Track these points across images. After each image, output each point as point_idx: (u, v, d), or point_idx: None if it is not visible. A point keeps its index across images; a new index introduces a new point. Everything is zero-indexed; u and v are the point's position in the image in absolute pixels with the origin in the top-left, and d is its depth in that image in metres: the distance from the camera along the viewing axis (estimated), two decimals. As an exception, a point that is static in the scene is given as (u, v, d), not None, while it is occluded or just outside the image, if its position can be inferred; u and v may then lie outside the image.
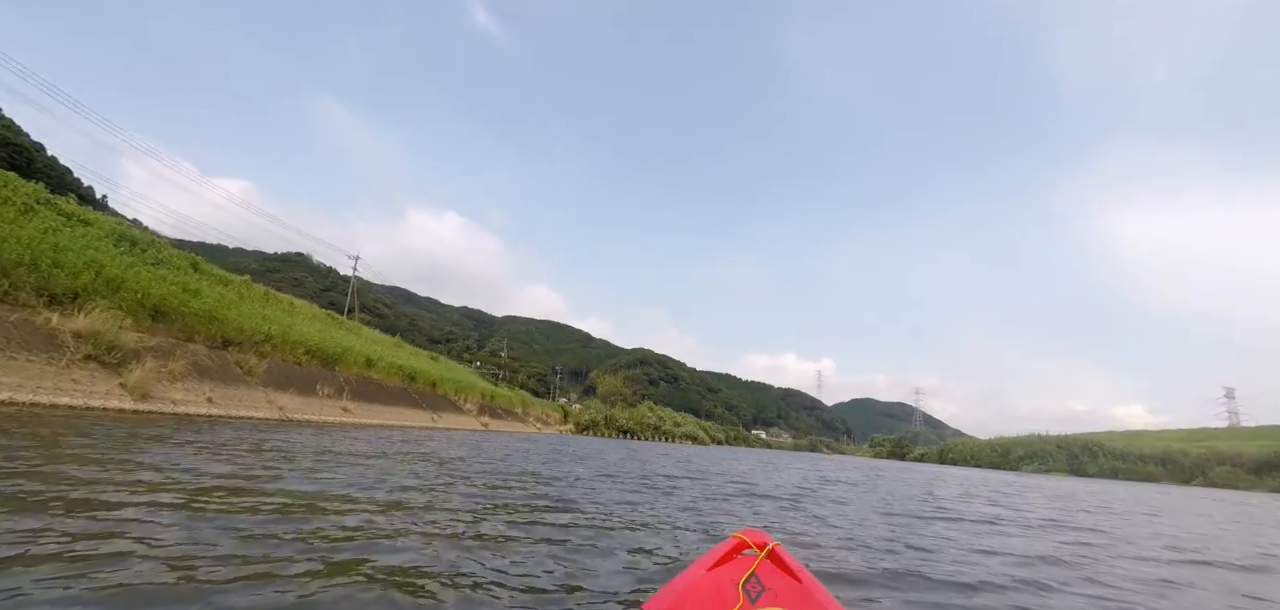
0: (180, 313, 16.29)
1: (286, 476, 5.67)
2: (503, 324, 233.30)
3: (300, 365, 21.16)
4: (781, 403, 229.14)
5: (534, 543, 3.77)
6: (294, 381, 19.59)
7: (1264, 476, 51.31)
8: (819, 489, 11.10)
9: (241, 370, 17.17)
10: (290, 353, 20.89)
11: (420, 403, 30.62)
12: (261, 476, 5.54)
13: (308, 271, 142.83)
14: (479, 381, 52.12)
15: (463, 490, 6.12)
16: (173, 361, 14.29)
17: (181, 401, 13.40)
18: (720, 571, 1.85)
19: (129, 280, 15.10)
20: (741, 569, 1.84)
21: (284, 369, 19.79)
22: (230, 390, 15.81)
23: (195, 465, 5.81)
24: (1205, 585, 4.43)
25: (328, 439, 11.69)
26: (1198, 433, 79.89)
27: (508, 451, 13.94)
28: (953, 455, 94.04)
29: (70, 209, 18.57)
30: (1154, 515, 11.44)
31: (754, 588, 1.74)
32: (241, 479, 5.25)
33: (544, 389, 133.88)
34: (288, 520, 3.64)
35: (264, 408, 16.46)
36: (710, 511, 6.47)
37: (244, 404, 15.76)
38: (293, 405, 18.08)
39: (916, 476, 23.17)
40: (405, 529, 3.80)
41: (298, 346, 21.36)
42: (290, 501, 4.31)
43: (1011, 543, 5.79)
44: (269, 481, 5.29)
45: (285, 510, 3.97)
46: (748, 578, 1.77)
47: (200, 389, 14.53)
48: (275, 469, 6.20)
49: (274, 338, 19.94)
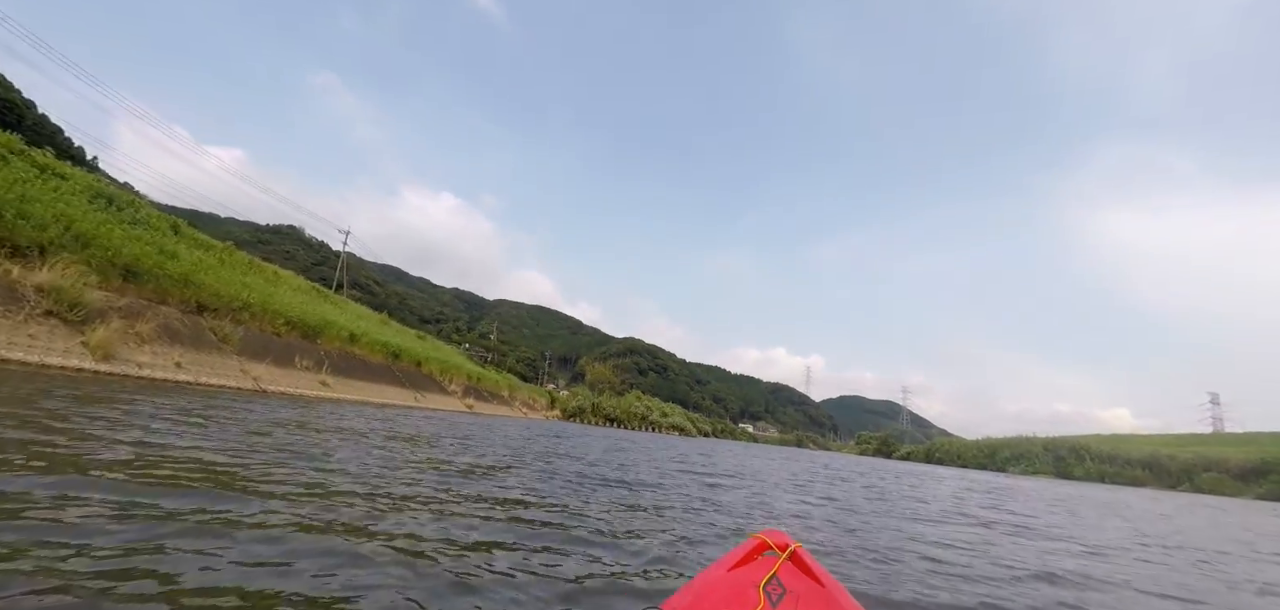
0: (154, 274, 15.73)
1: (202, 446, 5.25)
2: (494, 307, 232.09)
3: (279, 336, 20.63)
4: (770, 397, 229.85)
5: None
6: (271, 352, 19.07)
7: (1250, 483, 51.80)
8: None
9: (216, 337, 16.65)
10: (269, 323, 20.36)
11: (403, 381, 30.14)
12: (170, 446, 5.15)
13: (299, 244, 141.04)
14: (466, 363, 51.63)
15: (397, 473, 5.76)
16: (141, 323, 13.76)
17: (147, 365, 12.90)
18: (741, 572, 1.85)
19: (100, 237, 14.52)
20: (762, 570, 1.84)
21: (262, 339, 19.26)
22: (202, 357, 15.30)
23: (109, 431, 5.43)
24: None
25: (294, 411, 11.28)
26: (1185, 438, 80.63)
27: (465, 436, 13.61)
28: (939, 454, 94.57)
29: (45, 161, 17.88)
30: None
31: (775, 590, 1.73)
32: (153, 446, 4.86)
33: (532, 374, 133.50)
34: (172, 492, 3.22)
35: (237, 377, 15.97)
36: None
37: (216, 372, 15.26)
38: (268, 376, 17.58)
39: (903, 483, 23.08)
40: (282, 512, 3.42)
41: (277, 317, 20.82)
42: (191, 471, 3.88)
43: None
44: (184, 449, 4.91)
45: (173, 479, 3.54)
46: (769, 579, 1.77)
47: (169, 354, 14.02)
48: (196, 438, 5.81)
49: (252, 306, 19.40)
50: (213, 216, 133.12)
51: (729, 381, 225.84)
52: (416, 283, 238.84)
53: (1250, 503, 39.18)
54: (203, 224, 35.57)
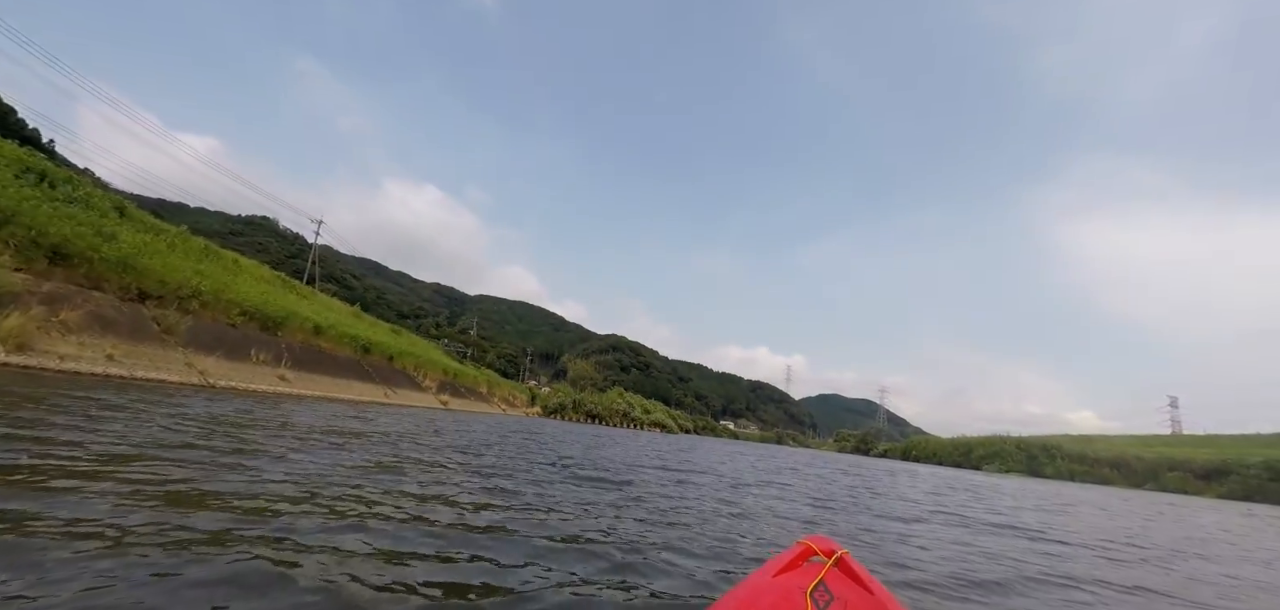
0: (87, 257, 14.36)
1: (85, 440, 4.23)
2: (475, 303, 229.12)
3: (234, 327, 19.28)
4: (751, 395, 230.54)
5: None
6: (224, 344, 17.74)
7: (1212, 483, 52.95)
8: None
9: (159, 327, 15.33)
10: (223, 313, 19.00)
11: (374, 376, 28.82)
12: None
13: (273, 236, 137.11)
14: (442, 358, 50.18)
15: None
16: (68, 310, 12.45)
17: (72, 357, 11.62)
18: (786, 578, 1.80)
19: (23, 213, 13.14)
20: (808, 576, 1.79)
21: (214, 330, 17.92)
22: (140, 348, 14.00)
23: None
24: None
25: (231, 406, 10.16)
26: (1148, 439, 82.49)
27: (409, 431, 12.61)
28: (916, 452, 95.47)
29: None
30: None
31: (822, 596, 1.69)
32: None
33: (514, 370, 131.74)
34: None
35: (181, 371, 14.68)
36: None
37: (156, 365, 13.97)
38: (218, 370, 16.29)
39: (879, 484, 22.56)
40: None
41: (232, 306, 19.46)
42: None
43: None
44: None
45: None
46: (816, 586, 1.73)
47: (100, 344, 12.72)
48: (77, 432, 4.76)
49: (204, 294, 18.03)
50: (181, 206, 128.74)
51: (711, 379, 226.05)
52: (394, 276, 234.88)
53: (1214, 502, 39.79)
54: (170, 214, 33.67)
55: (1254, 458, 52.16)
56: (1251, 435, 68.33)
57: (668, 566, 3.20)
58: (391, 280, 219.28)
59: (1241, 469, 51.71)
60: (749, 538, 4.48)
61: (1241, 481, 50.65)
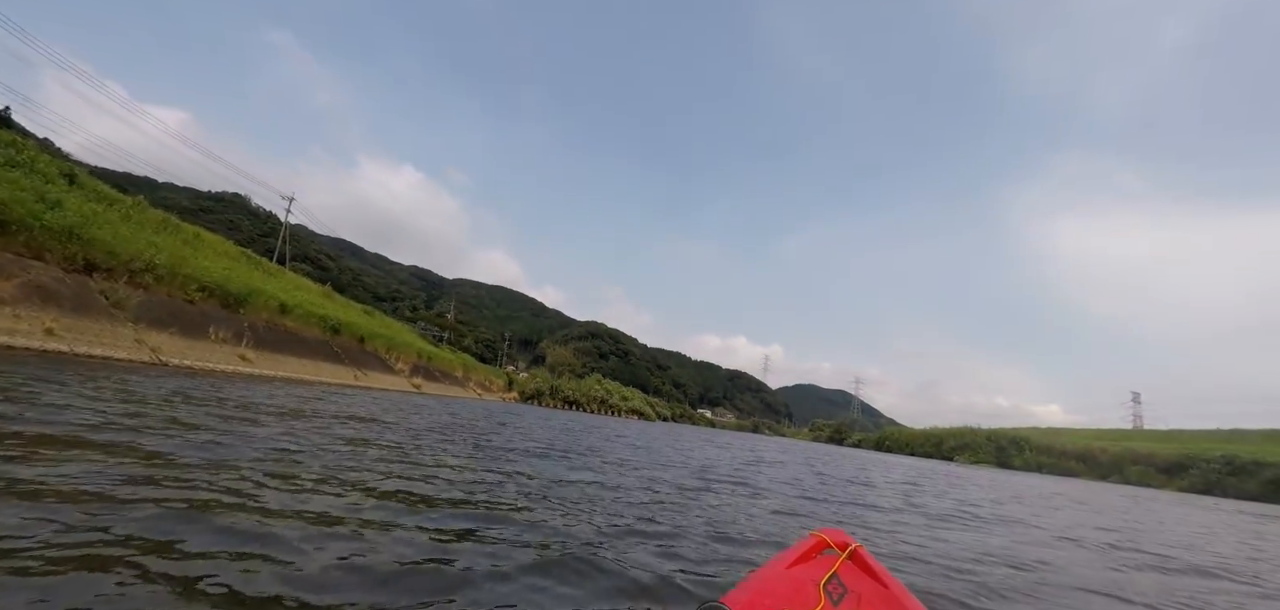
0: (26, 225, 13.42)
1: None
2: (454, 287, 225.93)
3: (193, 304, 18.38)
4: (728, 384, 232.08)
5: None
6: (179, 321, 16.88)
7: (1174, 477, 54.66)
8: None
9: (106, 301, 14.46)
10: (180, 287, 18.08)
11: (343, 358, 27.99)
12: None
13: (245, 214, 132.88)
14: (416, 340, 49.22)
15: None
16: (2, 280, 11.60)
17: (4, 330, 10.81)
18: (800, 570, 1.81)
19: (-49, 178, 12.19)
20: (821, 569, 1.80)
21: (169, 305, 17.03)
22: (85, 323, 13.16)
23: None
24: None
25: (172, 386, 9.55)
26: (1112, 433, 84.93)
27: (392, 413, 12.13)
28: (889, 442, 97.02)
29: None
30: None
31: (836, 589, 1.70)
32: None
33: (492, 355, 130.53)
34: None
35: (130, 347, 13.88)
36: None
37: (102, 341, 13.16)
38: (171, 347, 15.47)
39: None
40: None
41: (190, 282, 18.53)
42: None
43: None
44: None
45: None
46: (829, 578, 1.73)
47: (38, 318, 11.89)
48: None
49: (158, 267, 17.10)
50: (149, 181, 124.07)
51: (689, 368, 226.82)
52: (371, 258, 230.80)
53: (1178, 494, 41.06)
54: (137, 189, 31.99)
55: (1214, 452, 53.94)
56: (1212, 431, 70.68)
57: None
58: (368, 262, 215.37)
59: (1203, 463, 53.44)
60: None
61: (1202, 475, 52.37)
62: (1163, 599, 3.93)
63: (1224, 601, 4.16)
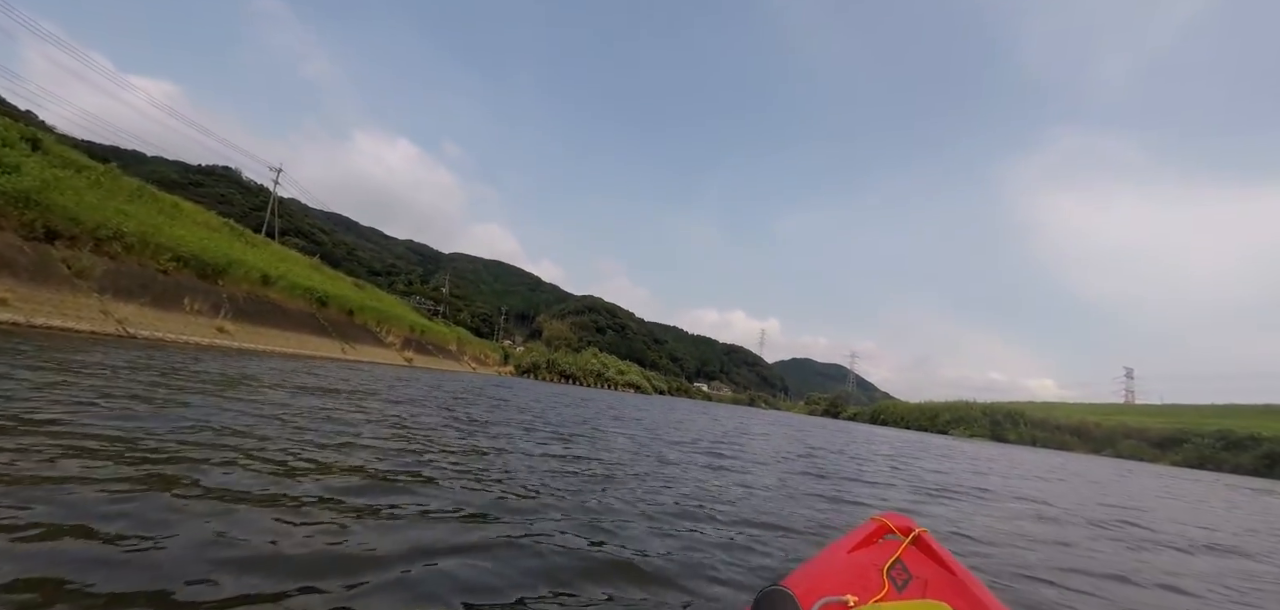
0: (-21, 190, 12.66)
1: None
2: (450, 261, 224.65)
3: (166, 274, 17.65)
4: (725, 358, 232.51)
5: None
6: (150, 291, 16.18)
7: (1166, 451, 54.87)
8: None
9: (68, 270, 13.74)
10: (152, 257, 17.33)
11: (330, 331, 27.35)
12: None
13: (236, 187, 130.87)
14: (409, 313, 48.54)
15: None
16: (-53, 247, 10.88)
17: (-52, 298, 10.14)
18: (862, 555, 1.77)
19: (-108, 137, 11.37)
20: (884, 553, 1.76)
21: (139, 275, 16.30)
22: (43, 292, 12.46)
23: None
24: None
25: (124, 357, 8.90)
26: (1106, 407, 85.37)
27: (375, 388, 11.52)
28: (884, 416, 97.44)
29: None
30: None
31: (899, 574, 1.66)
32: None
33: (488, 329, 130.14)
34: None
35: (94, 319, 13.20)
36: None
37: (62, 311, 12.48)
38: (141, 319, 14.80)
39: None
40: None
41: (163, 251, 17.77)
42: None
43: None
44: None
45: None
46: (892, 563, 1.69)
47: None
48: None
49: (127, 235, 16.33)
50: (137, 154, 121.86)
51: (686, 342, 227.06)
52: (366, 233, 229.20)
53: (1169, 468, 41.10)
54: (124, 162, 30.86)
55: (1208, 427, 54.06)
56: (1204, 406, 70.99)
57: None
58: (364, 236, 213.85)
59: (1196, 438, 53.57)
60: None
61: (1196, 449, 52.55)
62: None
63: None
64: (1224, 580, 3.98)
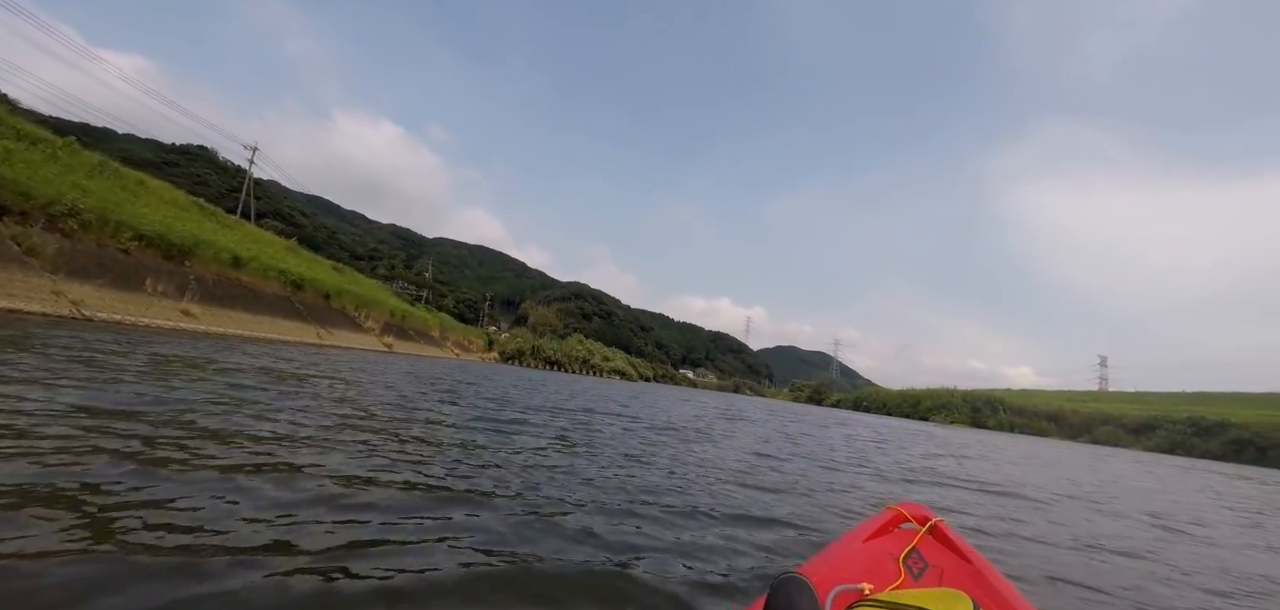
0: (-83, 161, 11.90)
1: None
2: (434, 246, 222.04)
3: (127, 253, 16.91)
4: (711, 345, 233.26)
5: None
6: (109, 271, 15.47)
7: (1141, 436, 56.01)
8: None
9: (17, 248, 13.03)
10: (112, 236, 16.58)
11: (305, 315, 26.65)
12: None
13: (212, 168, 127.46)
14: (389, 298, 47.70)
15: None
16: (-121, 221, 10.17)
17: (-123, 275, 9.48)
18: (877, 543, 1.78)
19: None
20: (900, 543, 1.77)
21: (97, 254, 15.58)
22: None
23: None
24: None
25: (60, 338, 8.38)
26: (1081, 394, 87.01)
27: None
28: (867, 403, 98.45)
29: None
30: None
31: (916, 563, 1.66)
32: None
33: (473, 315, 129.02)
34: None
35: (46, 300, 12.54)
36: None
37: (9, 292, 11.80)
38: (98, 301, 14.13)
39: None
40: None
41: (124, 229, 17.01)
42: None
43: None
44: None
45: None
46: (908, 552, 1.69)
47: (-74, 263, 10.52)
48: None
49: (83, 212, 15.57)
50: (108, 132, 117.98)
51: (672, 329, 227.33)
52: (348, 216, 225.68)
53: (1143, 453, 41.93)
54: (94, 140, 29.51)
55: (1180, 414, 55.24)
56: (1176, 393, 72.53)
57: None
58: (345, 220, 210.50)
59: (1169, 424, 54.74)
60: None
61: (1168, 435, 53.70)
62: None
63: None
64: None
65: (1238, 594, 3.33)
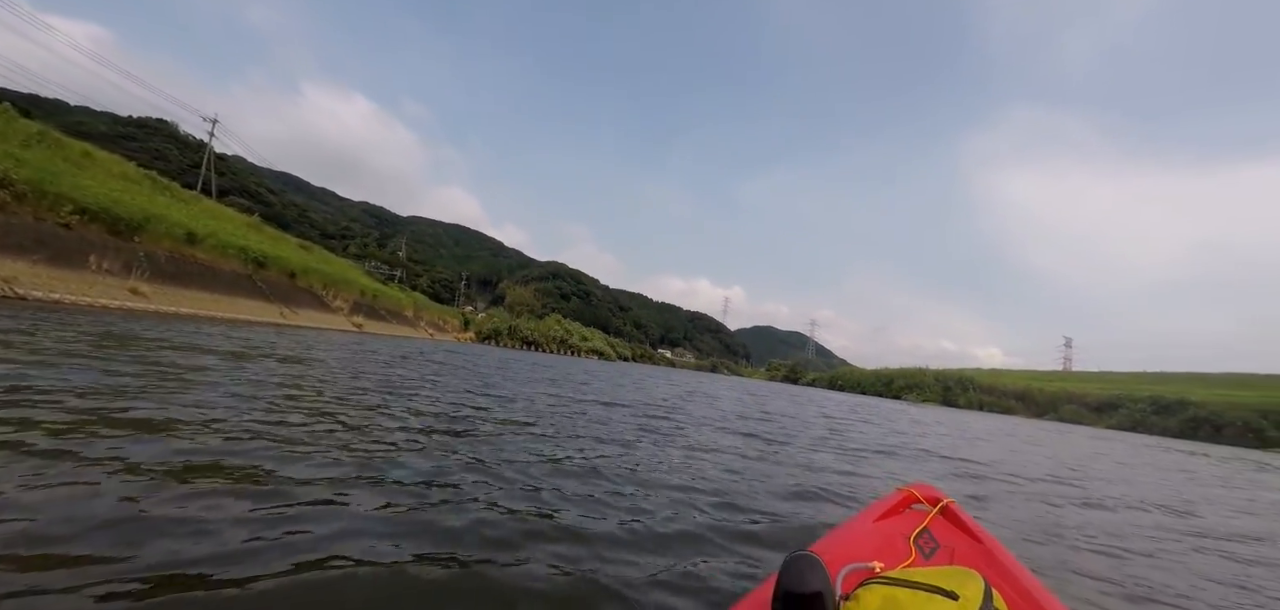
0: None
1: None
2: (408, 225, 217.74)
3: (68, 227, 15.87)
4: (689, 325, 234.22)
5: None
6: (46, 247, 14.47)
7: (1104, 415, 57.89)
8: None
9: (-61, 220, 12.05)
10: (50, 209, 15.53)
11: (269, 294, 25.63)
12: None
13: (172, 142, 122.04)
14: (360, 277, 46.44)
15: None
16: None
17: None
18: (889, 523, 1.79)
19: None
20: (911, 523, 1.78)
21: (33, 229, 14.56)
22: (-97, 245, 10.84)
23: None
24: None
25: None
26: (1048, 374, 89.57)
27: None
28: (841, 381, 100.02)
29: None
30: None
31: (927, 543, 1.67)
32: None
33: (449, 295, 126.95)
34: None
35: (-29, 275, 11.63)
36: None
37: (-72, 266, 10.90)
38: (32, 278, 13.18)
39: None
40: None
41: (63, 202, 15.95)
42: None
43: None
44: None
45: None
46: (919, 532, 1.71)
47: None
48: None
49: (16, 184, 14.51)
50: (59, 104, 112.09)
51: (651, 309, 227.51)
52: (319, 194, 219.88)
53: (1105, 430, 43.26)
54: (44, 112, 27.51)
55: (1141, 393, 57.18)
56: (1139, 373, 75.06)
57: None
58: (316, 198, 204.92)
59: (1130, 403, 56.65)
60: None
61: (1129, 414, 55.60)
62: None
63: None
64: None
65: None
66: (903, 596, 0.99)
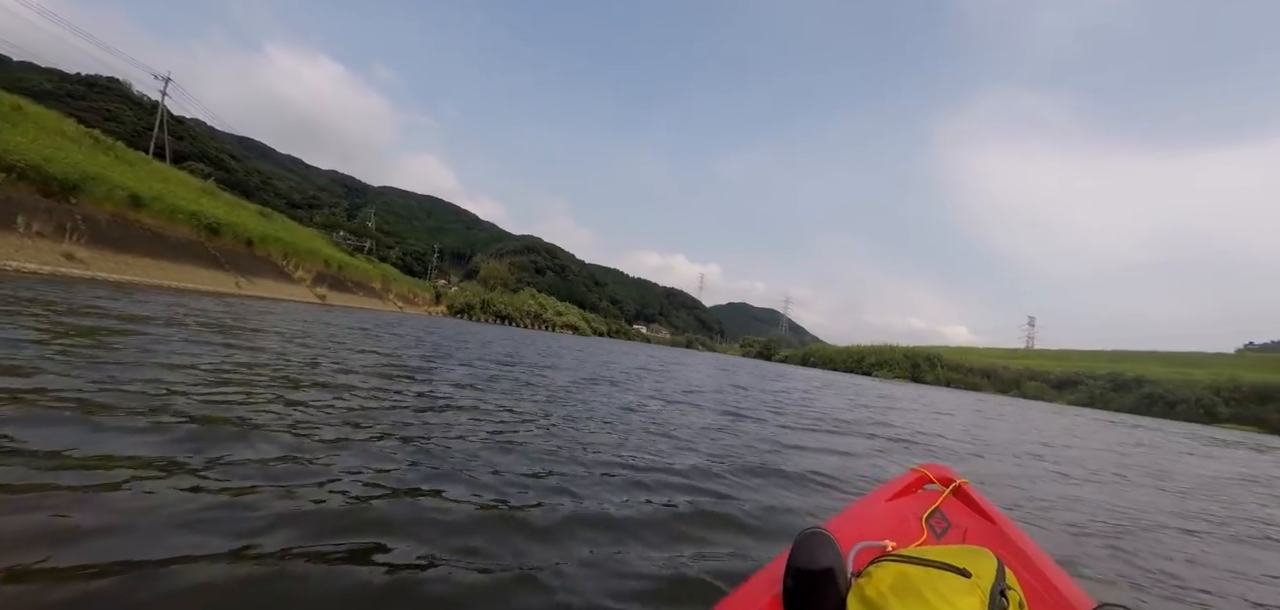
0: None
1: None
2: (379, 195, 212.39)
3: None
4: (664, 301, 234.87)
5: None
6: (-34, 206, 13.40)
7: (1064, 391, 59.92)
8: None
9: None
10: (-28, 167, 14.36)
11: (223, 263, 24.48)
12: None
13: (125, 102, 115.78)
14: (324, 247, 44.90)
15: None
16: None
17: None
18: (901, 503, 1.79)
19: None
20: (924, 503, 1.78)
21: (-49, 187, 13.44)
22: None
23: None
24: None
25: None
26: (1014, 352, 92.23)
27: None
28: (814, 358, 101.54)
29: None
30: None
31: (939, 523, 1.67)
32: None
33: (421, 268, 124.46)
34: None
35: (-126, 234, 10.63)
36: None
37: None
38: (-52, 238, 12.18)
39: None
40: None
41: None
42: None
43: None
44: None
45: None
46: (932, 512, 1.70)
47: None
48: None
49: (-70, 138, 13.33)
50: (0, 58, 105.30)
51: (627, 284, 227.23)
52: (285, 161, 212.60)
53: (1065, 406, 44.70)
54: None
55: (1101, 371, 59.23)
56: (1097, 351, 77.68)
57: None
58: (282, 165, 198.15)
59: (1090, 380, 58.67)
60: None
61: (1088, 390, 57.60)
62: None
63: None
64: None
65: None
66: (915, 574, 0.98)
